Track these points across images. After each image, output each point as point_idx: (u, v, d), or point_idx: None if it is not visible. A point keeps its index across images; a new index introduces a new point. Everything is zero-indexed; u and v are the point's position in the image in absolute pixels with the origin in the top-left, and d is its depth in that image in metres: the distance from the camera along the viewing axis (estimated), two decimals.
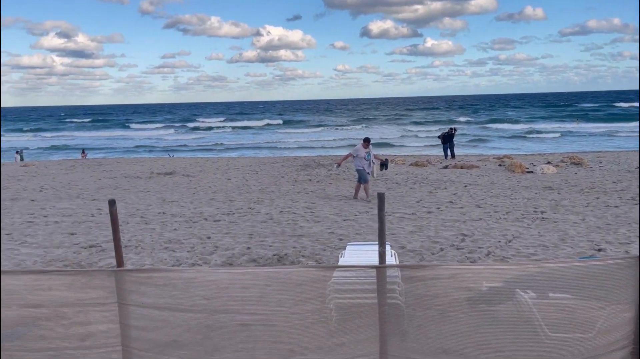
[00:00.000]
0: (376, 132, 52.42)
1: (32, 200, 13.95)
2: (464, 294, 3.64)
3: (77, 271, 4.15)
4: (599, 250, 7.79)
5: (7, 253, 8.40)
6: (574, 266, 3.81)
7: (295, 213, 11.12)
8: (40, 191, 15.81)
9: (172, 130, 65.03)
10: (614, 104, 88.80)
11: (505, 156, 23.49)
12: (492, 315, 3.60)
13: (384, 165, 13.70)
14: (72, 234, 9.67)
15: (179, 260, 7.76)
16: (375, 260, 4.34)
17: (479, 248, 8.11)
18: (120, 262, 3.72)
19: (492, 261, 7.27)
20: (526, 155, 26.35)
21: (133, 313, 3.71)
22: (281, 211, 11.37)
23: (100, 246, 8.71)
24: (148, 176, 19.15)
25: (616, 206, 11.10)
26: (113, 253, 8.14)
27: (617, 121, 55.64)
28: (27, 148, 39.02)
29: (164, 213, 11.59)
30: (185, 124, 74.77)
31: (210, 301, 3.80)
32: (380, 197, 3.44)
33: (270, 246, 8.41)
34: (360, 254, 5.01)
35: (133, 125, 74.07)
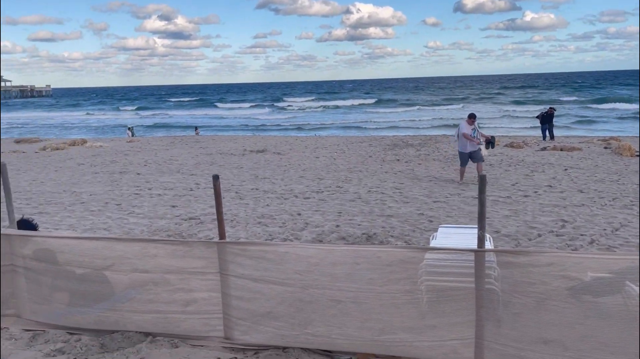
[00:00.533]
0: (469, 111, 50.52)
1: (138, 174, 15.02)
2: (565, 283, 3.45)
3: (181, 241, 4.39)
4: None
5: (117, 222, 9.15)
6: None
7: (383, 193, 11.06)
8: (145, 165, 16.97)
9: (262, 109, 66.82)
10: None
11: (612, 138, 21.68)
12: (597, 307, 3.38)
13: (490, 143, 12.84)
14: (174, 206, 10.31)
15: (272, 234, 8.02)
16: (469, 244, 4.22)
17: (581, 235, 7.61)
18: (222, 234, 3.90)
19: (596, 251, 6.80)
20: (636, 137, 24.16)
21: (233, 283, 3.90)
22: (369, 191, 11.36)
23: (199, 218, 9.21)
24: (241, 153, 19.89)
25: None
26: (210, 226, 8.63)
27: None
28: (137, 126, 41.72)
29: (256, 189, 12.01)
30: (275, 103, 76.52)
31: (302, 276, 3.90)
32: (482, 179, 3.33)
33: (359, 225, 8.44)
34: (453, 237, 4.89)
35: (226, 104, 76.97)
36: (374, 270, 3.79)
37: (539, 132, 23.64)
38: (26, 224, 4.97)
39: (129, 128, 33.41)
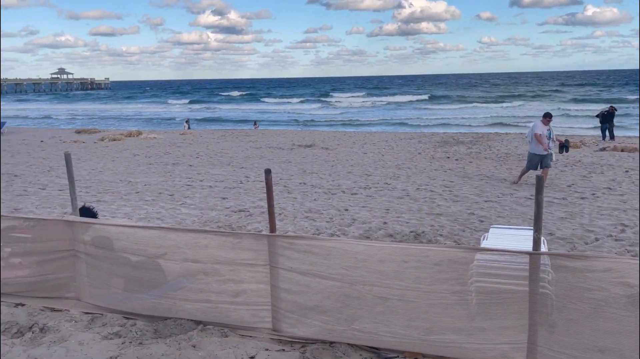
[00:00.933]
0: (525, 109, 48.94)
1: (190, 165, 15.43)
2: (624, 290, 3.30)
3: (231, 232, 4.45)
4: None
5: (170, 212, 9.44)
6: None
7: (432, 191, 10.90)
8: (197, 157, 17.41)
9: (311, 104, 67.08)
10: None
11: None
12: None
13: (564, 147, 12.11)
14: (224, 198, 10.54)
15: (319, 229, 8.07)
16: (522, 246, 4.11)
17: None
18: (273, 228, 3.96)
19: None
20: None
21: (282, 276, 3.95)
22: (418, 188, 11.23)
23: (248, 211, 9.38)
24: (290, 147, 20.08)
25: None
26: (259, 218, 8.76)
27: None
28: (193, 119, 42.64)
29: (304, 183, 12.09)
30: (324, 98, 76.67)
31: (349, 272, 3.90)
32: (539, 180, 3.23)
33: (407, 222, 8.36)
34: (506, 238, 4.76)
35: (276, 99, 77.75)
36: (422, 268, 3.75)
37: (598, 132, 22.67)
38: (87, 211, 5.20)
39: (186, 121, 34.38)
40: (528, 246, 3.70)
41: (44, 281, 4.77)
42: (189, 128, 32.19)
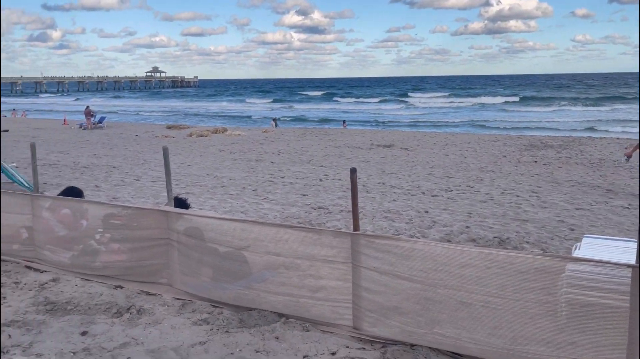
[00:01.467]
0: (622, 112, 45.67)
1: (272, 162, 15.86)
2: None
3: (311, 228, 4.53)
4: None
5: (253, 206, 9.77)
6: None
7: (518, 196, 10.47)
8: (278, 154, 17.85)
9: (391, 104, 66.51)
10: None
11: None
12: None
13: None
14: (304, 195, 10.74)
15: (398, 230, 8.02)
16: (619, 258, 3.86)
17: None
18: (356, 226, 3.99)
19: None
20: None
21: (364, 274, 3.98)
22: (502, 193, 10.82)
23: (327, 208, 9.50)
24: (368, 147, 20.06)
25: None
26: (338, 216, 8.85)
27: None
28: (280, 118, 43.62)
29: (383, 183, 12.05)
30: (404, 98, 75.77)
31: (429, 274, 3.86)
32: None
33: (491, 227, 8.10)
34: (602, 249, 4.49)
35: (355, 99, 77.84)
36: (506, 276, 3.63)
37: None
38: (180, 203, 5.52)
39: (273, 119, 35.47)
40: (625, 258, 3.48)
41: (140, 267, 5.11)
42: (276, 126, 33.15)
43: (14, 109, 47.25)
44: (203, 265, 4.80)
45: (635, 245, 3.72)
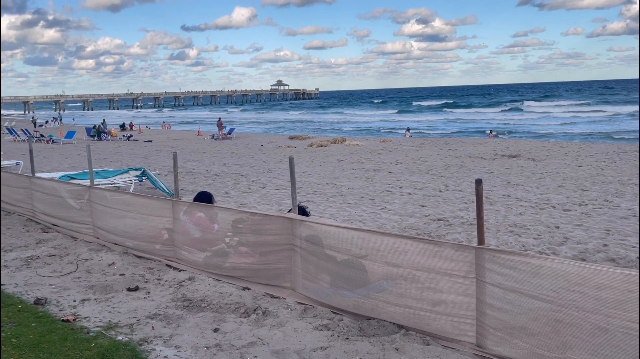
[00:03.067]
0: None
1: (390, 172, 15.82)
2: None
3: (431, 240, 4.41)
4: None
5: (371, 216, 9.82)
6: None
7: None
8: (396, 164, 17.77)
9: (515, 112, 63.01)
10: None
11: None
12: None
13: None
14: (423, 206, 10.56)
15: (525, 245, 7.57)
16: None
17: None
18: (481, 240, 3.87)
19: None
20: None
21: (489, 290, 3.83)
22: None
23: (447, 220, 9.25)
24: (492, 157, 19.19)
25: None
26: (459, 229, 8.58)
27: None
28: (413, 128, 43.35)
29: (508, 196, 11.45)
30: (525, 105, 71.49)
31: (559, 294, 3.60)
32: None
33: (633, 247, 7.32)
34: None
35: (476, 109, 74.92)
36: None
37: None
38: (301, 211, 5.73)
39: (407, 129, 35.85)
40: None
41: (266, 270, 5.40)
42: (410, 136, 33.37)
43: (163, 121, 53.03)
44: (323, 271, 4.94)
45: None
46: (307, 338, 4.11)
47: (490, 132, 32.61)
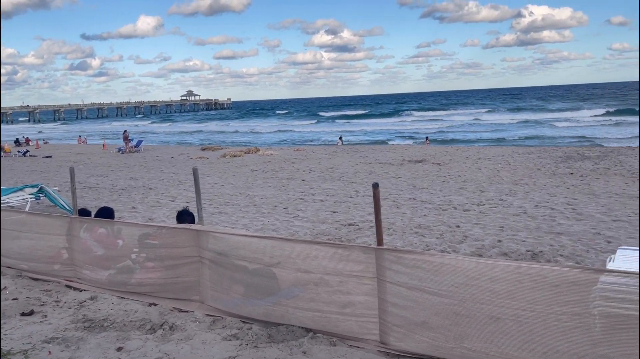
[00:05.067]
0: None
1: (303, 180, 15.99)
2: None
3: (341, 245, 4.55)
4: None
5: (284, 224, 9.87)
6: None
7: (552, 209, 10.25)
8: (309, 172, 17.99)
9: (424, 122, 66.12)
10: None
11: None
12: None
13: None
14: (334, 212, 10.78)
15: (428, 245, 7.96)
16: None
17: None
18: (380, 241, 4.02)
19: None
20: None
21: (390, 289, 3.99)
22: (536, 206, 10.62)
23: (357, 225, 9.51)
24: (399, 163, 19.99)
25: None
26: (368, 233, 8.85)
27: None
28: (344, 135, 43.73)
29: (414, 199, 11.99)
30: (431, 112, 75.34)
31: (459, 289, 3.83)
32: None
33: (524, 241, 7.96)
34: (636, 260, 4.37)
35: (384, 119, 77.62)
36: (538, 289, 3.58)
37: None
38: (187, 214, 5.67)
39: (339, 137, 36.40)
40: None
41: (173, 284, 5.24)
42: (342, 143, 33.97)
43: (79, 136, 49.17)
44: (233, 281, 4.89)
45: None
46: (215, 349, 4.05)
47: (427, 139, 33.81)
